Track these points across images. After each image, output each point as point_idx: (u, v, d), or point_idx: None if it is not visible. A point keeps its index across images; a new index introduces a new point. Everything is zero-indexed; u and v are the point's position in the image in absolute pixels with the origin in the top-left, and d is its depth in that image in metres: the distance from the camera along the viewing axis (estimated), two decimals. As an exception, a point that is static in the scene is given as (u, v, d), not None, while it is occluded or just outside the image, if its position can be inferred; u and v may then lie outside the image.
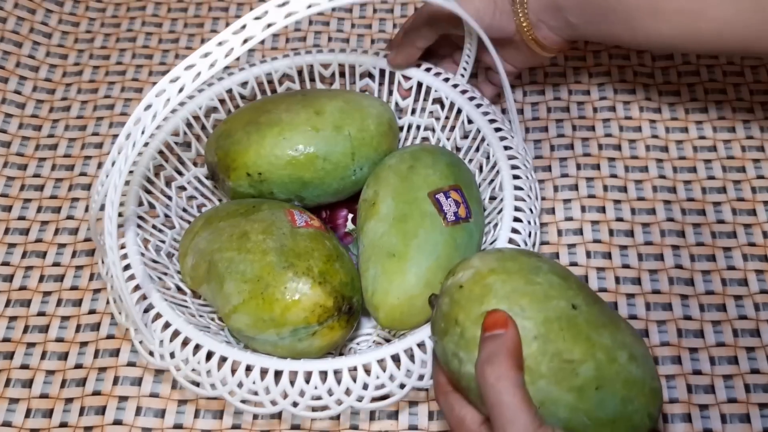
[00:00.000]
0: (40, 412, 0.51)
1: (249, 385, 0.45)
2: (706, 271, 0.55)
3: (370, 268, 0.49)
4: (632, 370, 0.38)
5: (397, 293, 0.47)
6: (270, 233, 0.49)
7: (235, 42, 0.38)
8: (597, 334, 0.38)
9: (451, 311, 0.38)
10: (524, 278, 0.38)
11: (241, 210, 0.51)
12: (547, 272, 0.39)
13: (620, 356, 0.38)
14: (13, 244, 0.58)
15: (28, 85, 0.66)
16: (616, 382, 0.37)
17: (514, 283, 0.38)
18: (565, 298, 0.38)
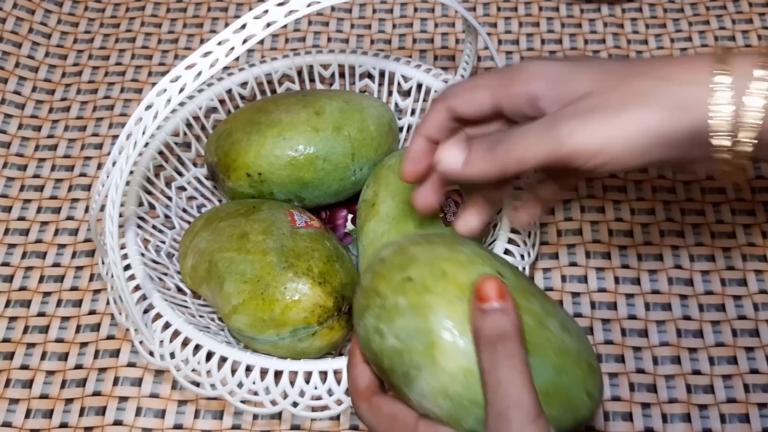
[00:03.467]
0: (40, 412, 0.51)
1: (249, 386, 0.45)
2: (706, 272, 0.55)
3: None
4: (565, 340, 0.36)
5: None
6: (270, 233, 0.49)
7: (236, 41, 0.38)
8: (526, 300, 0.35)
9: (372, 283, 0.37)
10: (448, 247, 0.37)
11: (241, 210, 0.52)
12: (474, 246, 0.37)
13: (551, 324, 0.36)
14: (13, 245, 0.58)
15: (28, 85, 0.66)
16: (547, 349, 0.35)
17: (438, 251, 0.36)
18: (490, 266, 0.36)
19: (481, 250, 0.37)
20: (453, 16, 0.70)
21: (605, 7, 0.69)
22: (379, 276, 0.37)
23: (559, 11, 0.69)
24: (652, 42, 0.67)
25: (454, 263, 0.36)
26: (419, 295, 0.35)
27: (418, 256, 0.36)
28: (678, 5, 0.69)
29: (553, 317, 0.36)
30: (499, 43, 0.68)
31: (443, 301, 0.34)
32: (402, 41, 0.68)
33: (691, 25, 0.68)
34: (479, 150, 0.37)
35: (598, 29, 0.68)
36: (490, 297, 0.33)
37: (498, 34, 0.68)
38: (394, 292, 0.35)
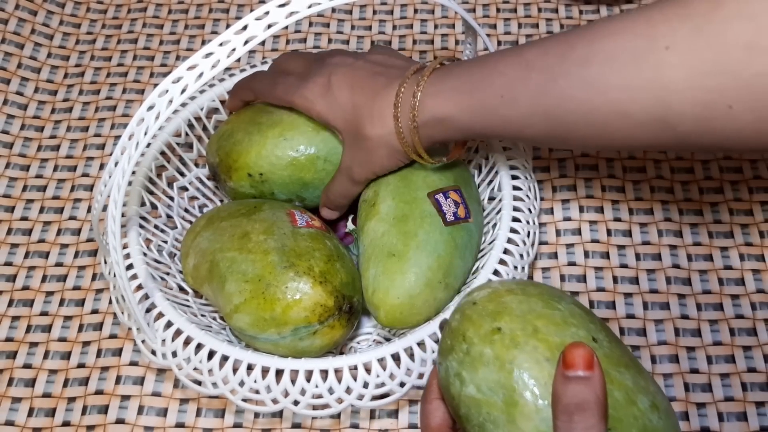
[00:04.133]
0: (42, 411, 0.51)
1: (250, 384, 0.45)
2: (704, 271, 0.55)
3: (370, 267, 0.49)
4: (653, 419, 0.34)
5: (398, 293, 0.48)
6: (271, 233, 0.49)
7: (237, 42, 0.38)
8: (617, 371, 0.34)
9: (461, 326, 0.36)
10: (543, 302, 0.36)
11: (242, 210, 0.52)
12: (570, 303, 0.36)
13: (640, 401, 0.34)
14: (15, 245, 0.58)
15: (30, 86, 0.66)
16: (632, 427, 0.33)
17: (532, 304, 0.35)
18: (585, 329, 0.35)
19: (578, 309, 0.36)
20: (453, 17, 0.70)
21: (604, 8, 0.70)
22: (469, 320, 0.36)
23: (558, 12, 0.70)
24: (651, 43, 0.67)
25: (548, 321, 0.34)
26: (507, 348, 0.34)
27: (512, 307, 0.35)
28: (676, 6, 0.69)
29: (643, 393, 0.34)
30: (498, 44, 0.68)
31: (531, 360, 0.33)
32: (402, 42, 0.69)
33: (690, 26, 0.68)
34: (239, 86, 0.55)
35: (597, 30, 0.68)
36: (577, 365, 0.32)
37: (497, 35, 0.69)
38: (481, 341, 0.35)
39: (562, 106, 0.40)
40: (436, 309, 0.48)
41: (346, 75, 0.48)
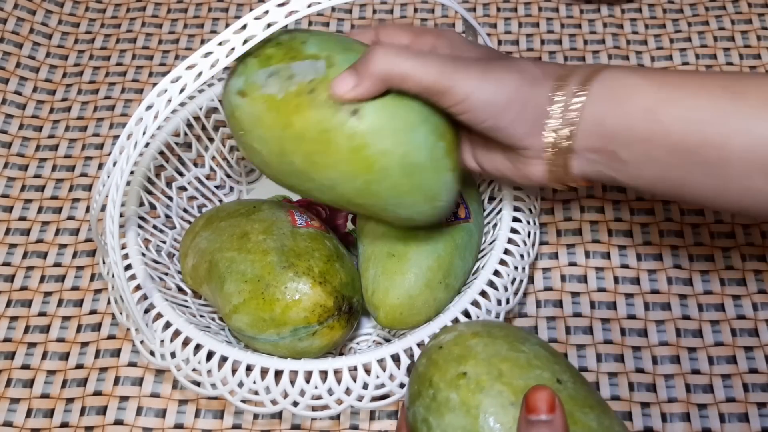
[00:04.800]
0: (41, 412, 0.51)
1: (249, 385, 0.45)
2: (705, 271, 0.55)
3: (370, 268, 0.49)
4: None
5: (397, 293, 0.47)
6: (270, 233, 0.49)
7: (236, 41, 0.38)
8: (582, 413, 0.34)
9: (427, 371, 0.36)
10: (509, 344, 0.36)
11: (241, 210, 0.52)
12: (535, 344, 0.37)
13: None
14: (14, 245, 0.58)
15: (29, 85, 0.66)
16: None
17: (498, 347, 0.36)
18: (550, 371, 0.35)
19: (543, 351, 0.36)
20: (453, 16, 0.70)
21: (605, 7, 0.69)
22: (435, 365, 0.36)
23: (558, 12, 0.69)
24: (652, 42, 0.67)
25: (513, 364, 0.35)
26: (472, 393, 0.34)
27: (477, 351, 0.35)
28: (677, 6, 0.69)
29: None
30: (499, 44, 0.68)
31: (496, 404, 0.34)
32: (402, 42, 0.68)
33: (691, 25, 0.68)
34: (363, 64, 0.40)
35: (597, 30, 0.68)
36: (539, 408, 0.32)
37: (498, 34, 0.69)
38: (447, 386, 0.35)
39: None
40: (436, 309, 0.48)
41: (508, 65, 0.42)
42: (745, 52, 0.66)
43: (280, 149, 0.41)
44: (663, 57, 0.66)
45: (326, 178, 0.41)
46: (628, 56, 0.66)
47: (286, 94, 0.39)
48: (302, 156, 0.40)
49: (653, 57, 0.66)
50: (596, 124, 0.39)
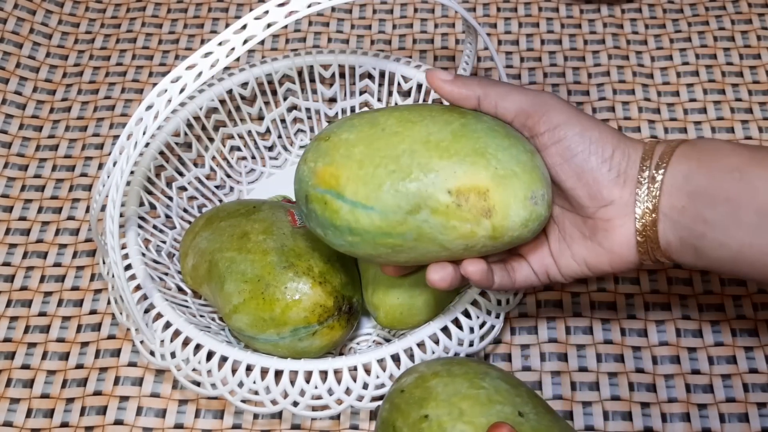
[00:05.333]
0: (41, 412, 0.51)
1: (249, 385, 0.45)
2: (705, 272, 0.55)
3: (370, 267, 0.49)
4: None
5: (397, 293, 0.47)
6: (270, 233, 0.49)
7: (236, 41, 0.38)
8: None
9: (390, 417, 0.36)
10: (469, 381, 0.36)
11: (241, 210, 0.52)
12: (495, 378, 0.37)
13: None
14: (14, 245, 0.58)
15: (29, 85, 0.66)
16: None
17: (457, 386, 0.36)
18: (511, 404, 0.35)
19: (504, 384, 0.36)
20: (453, 16, 0.70)
21: (605, 7, 0.69)
22: (397, 410, 0.36)
23: (558, 12, 0.69)
24: (652, 42, 0.67)
25: (473, 402, 0.35)
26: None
27: (438, 391, 0.35)
28: (677, 6, 0.69)
29: None
30: (499, 44, 0.68)
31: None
32: (402, 42, 0.69)
33: (691, 25, 0.68)
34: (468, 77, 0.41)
35: (597, 30, 0.68)
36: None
37: (498, 34, 0.69)
38: (410, 430, 0.35)
39: None
40: (436, 310, 0.48)
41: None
42: (745, 52, 0.66)
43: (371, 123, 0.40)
44: (663, 57, 0.66)
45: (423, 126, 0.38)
46: (628, 56, 0.66)
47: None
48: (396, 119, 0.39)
49: (653, 57, 0.66)
50: (682, 178, 0.38)
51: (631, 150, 0.39)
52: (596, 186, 0.39)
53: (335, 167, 0.38)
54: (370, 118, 0.40)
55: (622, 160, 0.39)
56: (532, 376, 0.51)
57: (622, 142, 0.39)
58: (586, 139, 0.38)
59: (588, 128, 0.39)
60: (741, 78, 0.64)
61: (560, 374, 0.51)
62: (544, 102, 0.39)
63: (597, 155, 0.38)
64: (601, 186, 0.39)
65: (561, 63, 0.66)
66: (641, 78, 0.65)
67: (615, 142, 0.39)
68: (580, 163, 0.39)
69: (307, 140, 0.62)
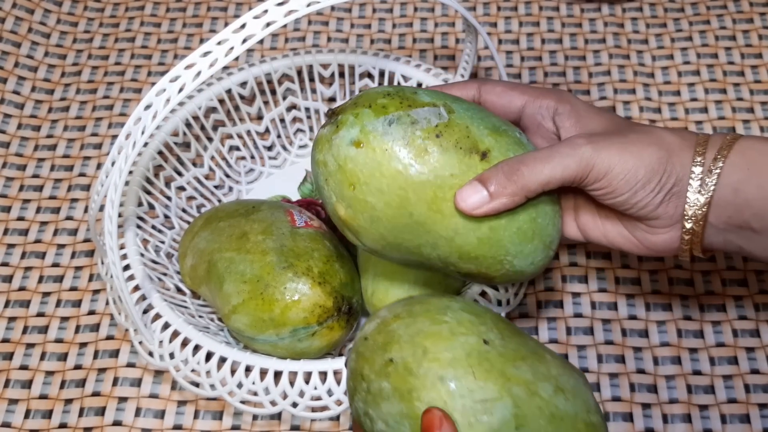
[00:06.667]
0: (39, 412, 0.51)
1: (248, 386, 0.45)
2: (706, 272, 0.55)
3: (369, 268, 0.49)
4: (559, 404, 0.35)
5: (397, 293, 0.47)
6: (270, 233, 0.49)
7: (235, 41, 0.38)
8: (514, 367, 0.35)
9: (357, 365, 0.36)
10: (430, 319, 0.36)
11: (240, 210, 0.51)
12: (457, 310, 0.36)
13: (542, 389, 0.35)
14: (12, 245, 0.58)
15: (27, 85, 0.66)
16: (539, 418, 0.34)
17: (419, 325, 0.35)
18: (475, 333, 0.35)
19: (467, 315, 0.36)
20: (453, 15, 0.70)
21: (605, 6, 0.69)
22: (363, 358, 0.36)
23: (559, 11, 0.69)
24: (653, 41, 0.67)
25: (437, 339, 0.35)
26: (402, 378, 0.34)
27: (400, 334, 0.35)
28: (678, 5, 0.69)
29: (544, 380, 0.35)
30: (499, 43, 0.68)
31: (427, 383, 0.34)
32: (402, 41, 0.68)
33: (692, 24, 0.68)
34: (499, 180, 0.38)
35: (598, 29, 0.68)
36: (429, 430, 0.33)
37: (498, 33, 0.68)
38: (377, 377, 0.35)
39: None
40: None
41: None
42: (746, 51, 0.66)
43: (400, 200, 0.38)
44: (664, 56, 0.66)
45: (448, 227, 0.38)
46: (629, 55, 0.66)
47: (412, 138, 0.37)
48: (425, 204, 0.38)
49: (654, 56, 0.66)
50: (732, 192, 0.38)
51: (679, 167, 0.38)
52: (644, 211, 0.39)
53: (357, 225, 0.39)
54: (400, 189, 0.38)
55: (670, 180, 0.38)
56: (532, 376, 0.51)
57: (669, 162, 0.38)
58: (631, 181, 0.38)
59: (632, 168, 0.38)
60: (742, 77, 0.64)
61: (561, 375, 0.51)
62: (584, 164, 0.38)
63: (644, 190, 0.38)
64: (649, 210, 0.39)
65: (562, 62, 0.66)
66: (642, 77, 0.65)
67: (662, 167, 0.38)
68: (626, 199, 0.39)
69: (306, 140, 0.62)
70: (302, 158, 0.62)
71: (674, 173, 0.38)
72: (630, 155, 0.38)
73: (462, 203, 0.37)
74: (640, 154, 0.38)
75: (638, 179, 0.38)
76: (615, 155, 0.38)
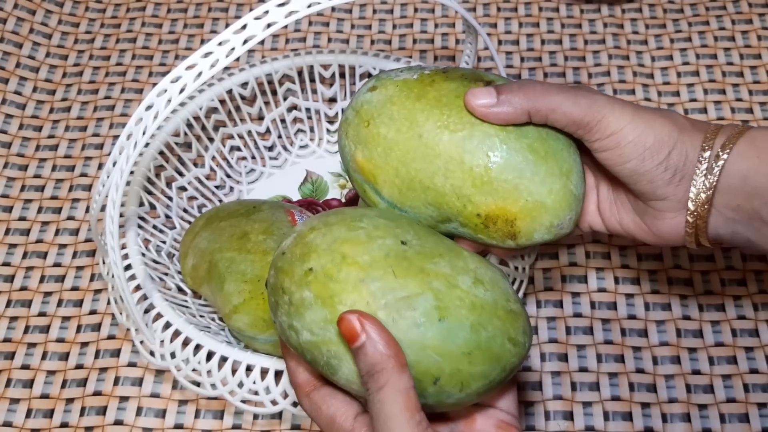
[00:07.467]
0: (40, 412, 0.51)
1: (249, 385, 0.45)
2: (705, 272, 0.55)
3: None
4: (479, 294, 0.35)
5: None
6: (270, 233, 0.49)
7: (236, 42, 0.38)
8: (432, 263, 0.35)
9: (277, 281, 0.36)
10: (346, 226, 0.36)
11: (241, 210, 0.52)
12: (373, 216, 0.37)
13: (462, 281, 0.35)
14: (13, 245, 0.58)
15: (29, 85, 0.66)
16: (460, 308, 0.35)
17: (335, 233, 0.36)
18: (392, 236, 0.36)
19: (383, 220, 0.37)
20: (453, 16, 0.70)
21: (605, 7, 0.69)
22: (282, 272, 0.36)
23: (559, 11, 0.69)
24: (652, 42, 0.67)
25: (354, 244, 0.35)
26: (323, 285, 0.35)
27: (317, 243, 0.36)
28: (678, 6, 0.69)
29: (463, 273, 0.36)
30: (499, 44, 0.68)
31: (348, 287, 0.34)
32: (402, 41, 0.69)
33: (691, 25, 0.68)
34: (511, 90, 0.38)
35: (598, 29, 0.68)
36: (351, 336, 0.33)
37: (498, 34, 0.69)
38: (298, 287, 0.35)
39: None
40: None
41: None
42: (745, 52, 0.66)
43: (409, 123, 0.39)
44: (663, 57, 0.66)
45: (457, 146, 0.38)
46: (629, 56, 0.66)
47: (420, 75, 0.40)
48: (433, 123, 0.38)
49: (654, 57, 0.66)
50: (740, 179, 0.37)
51: (689, 147, 0.38)
52: (650, 186, 0.39)
53: (373, 165, 0.40)
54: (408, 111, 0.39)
55: (679, 159, 0.38)
56: (532, 376, 0.51)
57: (680, 140, 0.38)
58: (640, 147, 0.38)
59: (642, 134, 0.38)
60: (741, 78, 0.64)
61: (560, 374, 0.51)
62: (596, 110, 0.38)
63: (651, 160, 0.38)
64: (656, 186, 0.39)
65: (561, 63, 0.66)
66: (642, 78, 0.65)
67: (672, 142, 0.38)
68: (634, 168, 0.38)
69: (307, 140, 0.62)
70: (303, 158, 0.62)
71: (683, 152, 0.38)
72: (641, 121, 0.38)
73: (471, 99, 0.38)
74: (652, 123, 0.38)
75: (647, 146, 0.38)
76: (627, 117, 0.38)
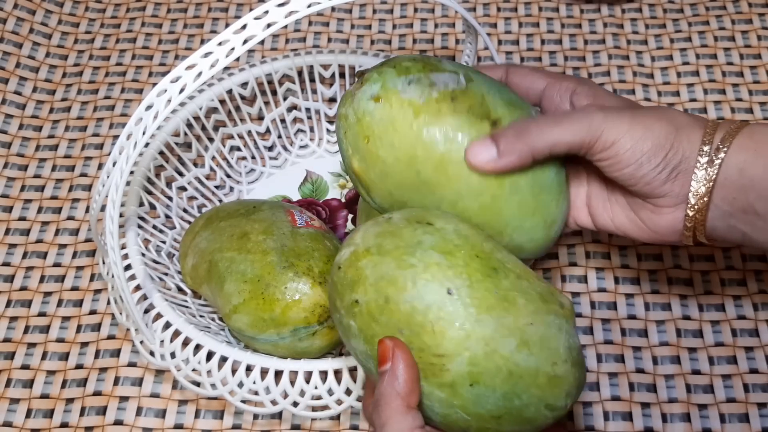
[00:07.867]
0: (40, 412, 0.51)
1: (249, 385, 0.45)
2: (705, 272, 0.55)
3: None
4: (519, 361, 0.34)
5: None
6: (270, 233, 0.49)
7: (236, 41, 0.38)
8: (476, 321, 0.34)
9: (332, 294, 0.37)
10: (396, 261, 0.35)
11: (241, 210, 0.52)
12: (427, 249, 0.36)
13: (503, 346, 0.34)
14: (13, 245, 0.58)
15: (28, 85, 0.66)
16: (495, 377, 0.34)
17: (385, 267, 0.35)
18: (439, 282, 0.34)
19: (436, 256, 0.35)
20: (453, 16, 0.70)
21: (605, 7, 0.69)
22: (335, 290, 0.37)
23: (558, 11, 0.69)
24: (652, 42, 0.67)
25: (398, 289, 0.35)
26: (366, 323, 0.35)
27: (366, 275, 0.35)
28: (678, 5, 0.69)
29: (508, 335, 0.34)
30: (499, 44, 0.68)
31: (387, 332, 0.35)
32: (402, 41, 0.69)
33: (691, 25, 0.68)
34: (508, 139, 0.38)
35: (597, 29, 0.68)
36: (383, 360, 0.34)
37: (498, 34, 0.69)
38: (346, 313, 0.36)
39: None
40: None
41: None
42: (745, 52, 0.66)
43: (409, 157, 0.38)
44: (663, 57, 0.66)
45: (452, 191, 0.39)
46: (629, 56, 0.66)
47: (427, 99, 0.38)
48: (432, 164, 0.38)
49: (653, 57, 0.66)
50: (737, 171, 0.38)
51: (685, 144, 0.38)
52: (648, 187, 0.39)
53: (369, 179, 0.40)
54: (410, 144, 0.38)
55: (675, 157, 0.38)
56: (532, 376, 0.51)
57: (677, 139, 0.38)
58: (637, 153, 0.38)
59: (640, 139, 0.38)
60: (741, 78, 0.64)
61: (560, 374, 0.51)
62: (594, 129, 0.38)
63: (649, 163, 0.38)
64: (653, 187, 0.39)
65: (561, 63, 0.66)
66: (641, 78, 0.65)
67: (669, 143, 0.38)
68: (631, 173, 0.39)
69: (307, 140, 0.62)
70: (303, 158, 0.62)
71: (681, 150, 0.38)
72: (639, 125, 0.38)
73: (472, 158, 0.38)
74: (650, 126, 0.38)
75: (644, 151, 0.38)
76: (625, 124, 0.38)
